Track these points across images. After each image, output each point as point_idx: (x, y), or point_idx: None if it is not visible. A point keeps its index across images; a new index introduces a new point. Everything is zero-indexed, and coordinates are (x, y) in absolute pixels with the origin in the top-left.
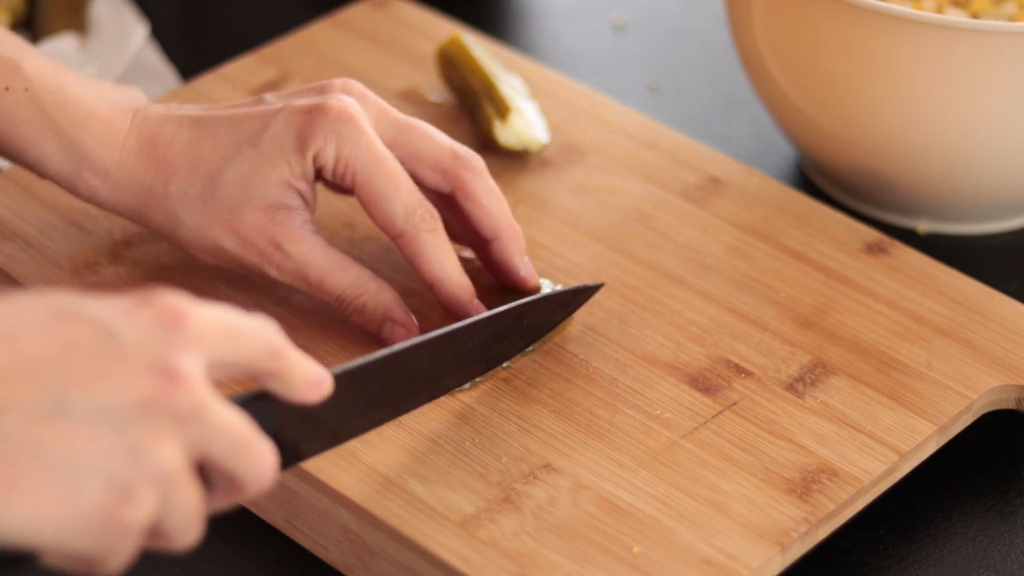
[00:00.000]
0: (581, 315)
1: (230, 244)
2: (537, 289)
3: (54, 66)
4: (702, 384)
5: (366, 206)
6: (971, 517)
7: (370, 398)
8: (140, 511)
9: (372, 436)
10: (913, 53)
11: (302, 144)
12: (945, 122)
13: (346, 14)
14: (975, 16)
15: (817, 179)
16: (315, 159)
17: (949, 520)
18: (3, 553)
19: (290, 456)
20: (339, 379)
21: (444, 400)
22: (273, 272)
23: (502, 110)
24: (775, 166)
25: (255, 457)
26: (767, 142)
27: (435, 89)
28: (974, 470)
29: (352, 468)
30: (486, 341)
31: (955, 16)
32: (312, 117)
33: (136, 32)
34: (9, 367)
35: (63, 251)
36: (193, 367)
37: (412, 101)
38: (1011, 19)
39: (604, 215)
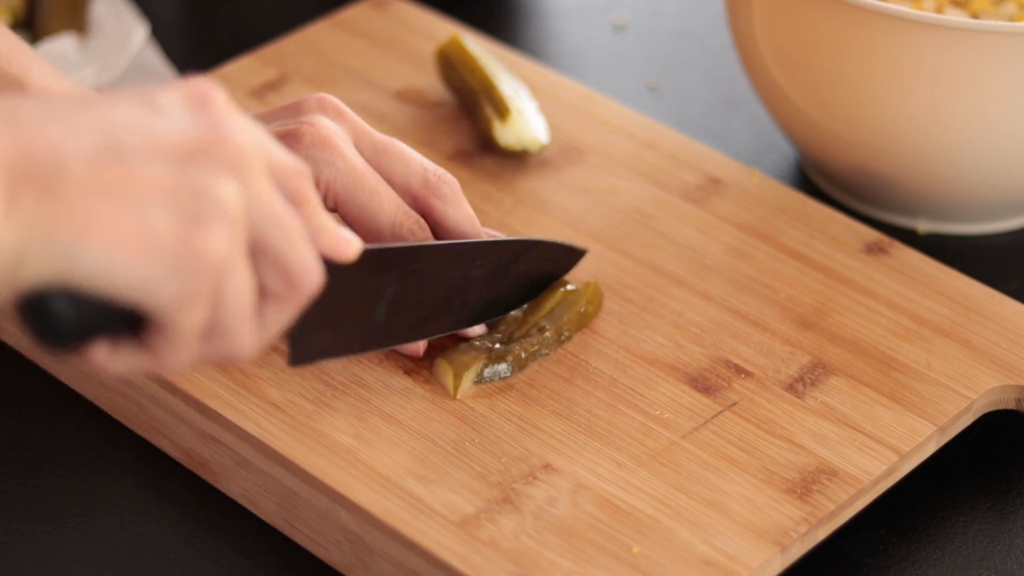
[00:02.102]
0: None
1: None
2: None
3: (61, 82)
4: (702, 384)
5: (351, 225)
6: (971, 517)
7: (388, 299)
8: (214, 241)
9: (372, 436)
10: (913, 53)
11: None
12: (945, 122)
13: (346, 14)
14: (975, 16)
15: (817, 179)
16: None
17: (949, 520)
18: (87, 307)
19: (320, 345)
20: (366, 255)
21: (444, 400)
22: None
23: (502, 110)
24: (775, 166)
25: (300, 244)
26: (767, 142)
27: (435, 89)
28: (974, 470)
29: (352, 468)
30: (488, 274)
31: (955, 16)
32: (286, 144)
33: (136, 32)
34: (66, 121)
35: None
36: (239, 123)
37: (412, 101)
38: (1011, 19)
39: (604, 215)
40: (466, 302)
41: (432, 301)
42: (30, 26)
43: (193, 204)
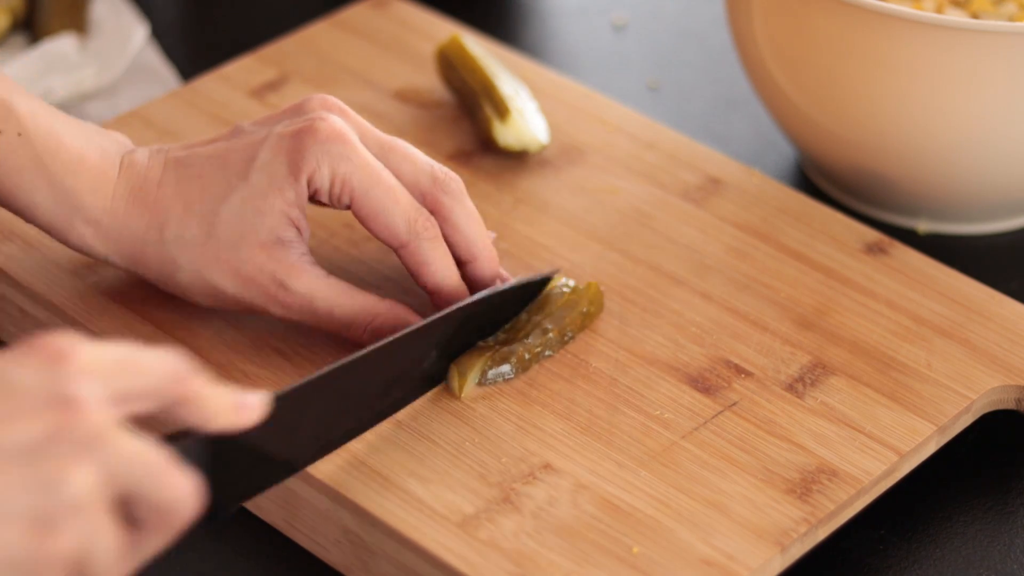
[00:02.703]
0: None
1: (231, 286)
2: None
3: (45, 108)
4: (702, 384)
5: (366, 221)
6: (971, 517)
7: (315, 420)
8: (63, 543)
9: (372, 436)
10: (913, 53)
11: (295, 169)
12: (945, 122)
13: (346, 14)
14: (975, 16)
15: (817, 179)
16: (309, 183)
17: (949, 520)
18: None
19: (242, 489)
20: (278, 401)
21: (444, 400)
22: (278, 311)
23: (502, 110)
24: (775, 166)
25: (171, 482)
26: (767, 142)
27: (435, 89)
28: (974, 470)
29: (352, 468)
30: (440, 344)
31: (955, 16)
32: (300, 140)
33: (136, 32)
34: None
35: (63, 251)
36: (88, 392)
37: (412, 101)
38: (1011, 19)
39: (604, 215)
40: (419, 373)
41: (369, 399)
42: (30, 26)
43: (44, 503)
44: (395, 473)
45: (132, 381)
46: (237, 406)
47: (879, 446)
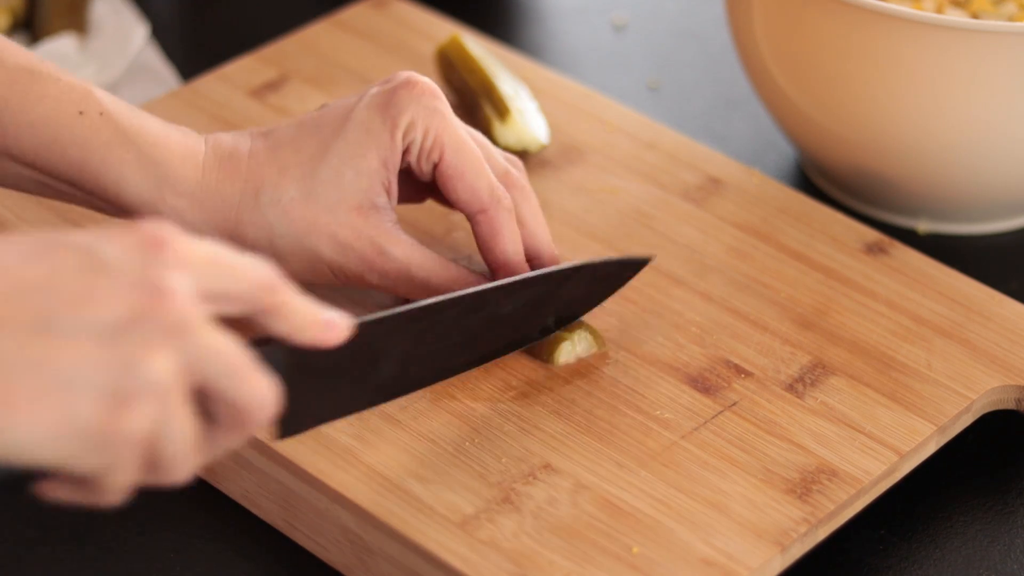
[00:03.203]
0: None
1: (329, 251)
2: None
3: (116, 99)
4: (702, 384)
5: (452, 181)
6: (971, 517)
7: (397, 357)
8: (137, 421)
9: (372, 436)
10: (913, 53)
11: (392, 121)
12: (945, 122)
13: (346, 14)
14: (975, 16)
15: (817, 179)
16: (404, 136)
17: (949, 520)
18: (10, 474)
19: (316, 412)
20: (361, 328)
21: (444, 400)
22: (375, 279)
23: (501, 110)
24: (775, 166)
25: (251, 382)
26: (767, 142)
27: None
28: (974, 470)
29: (352, 468)
30: (521, 308)
31: (955, 16)
32: (397, 93)
33: (136, 32)
34: (0, 292)
35: None
36: (180, 284)
37: None
38: (1011, 19)
39: (604, 215)
40: (497, 337)
41: (450, 348)
42: (30, 26)
43: (121, 381)
44: (395, 473)
45: (224, 282)
46: (324, 323)
47: (879, 446)
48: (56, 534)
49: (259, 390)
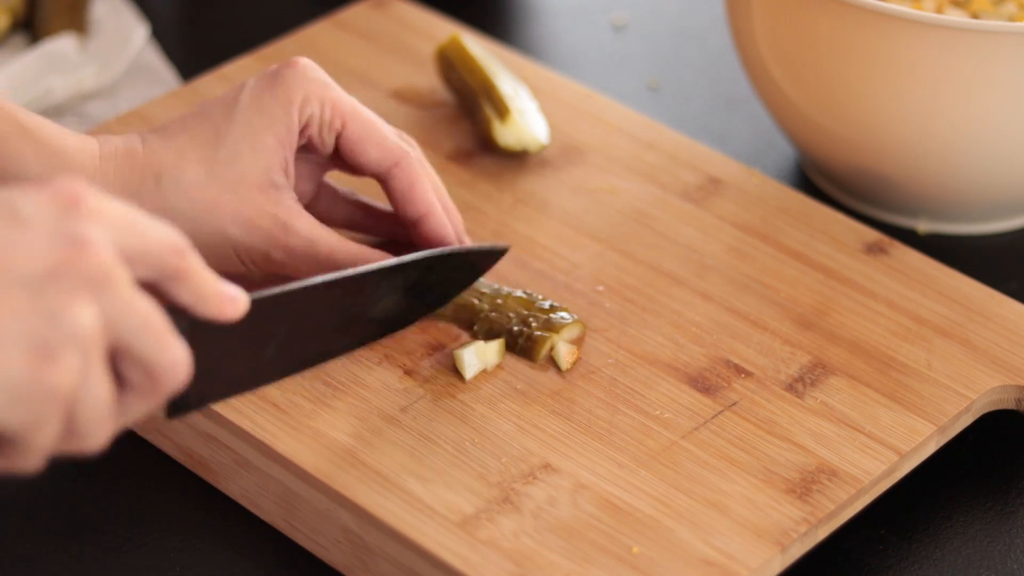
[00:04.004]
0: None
1: (234, 230)
2: None
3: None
4: (702, 384)
5: (361, 143)
6: (971, 517)
7: (285, 334)
8: (62, 374)
9: (371, 436)
10: (913, 53)
11: (285, 98)
12: (945, 122)
13: (346, 14)
14: (975, 16)
15: (817, 179)
16: (301, 112)
17: (949, 520)
18: None
19: (208, 390)
20: (254, 304)
21: (444, 400)
22: (280, 255)
23: (501, 111)
24: (775, 166)
25: (167, 344)
26: (767, 142)
27: (435, 89)
28: (974, 470)
29: (352, 468)
30: (400, 287)
31: (955, 16)
32: (282, 73)
33: (136, 33)
34: None
35: None
36: (99, 236)
37: (411, 101)
38: (1011, 19)
39: (604, 215)
40: (369, 321)
41: (329, 330)
42: (30, 26)
43: (46, 331)
44: (395, 473)
45: (137, 240)
46: (227, 296)
47: (879, 446)
48: (56, 534)
49: (173, 353)
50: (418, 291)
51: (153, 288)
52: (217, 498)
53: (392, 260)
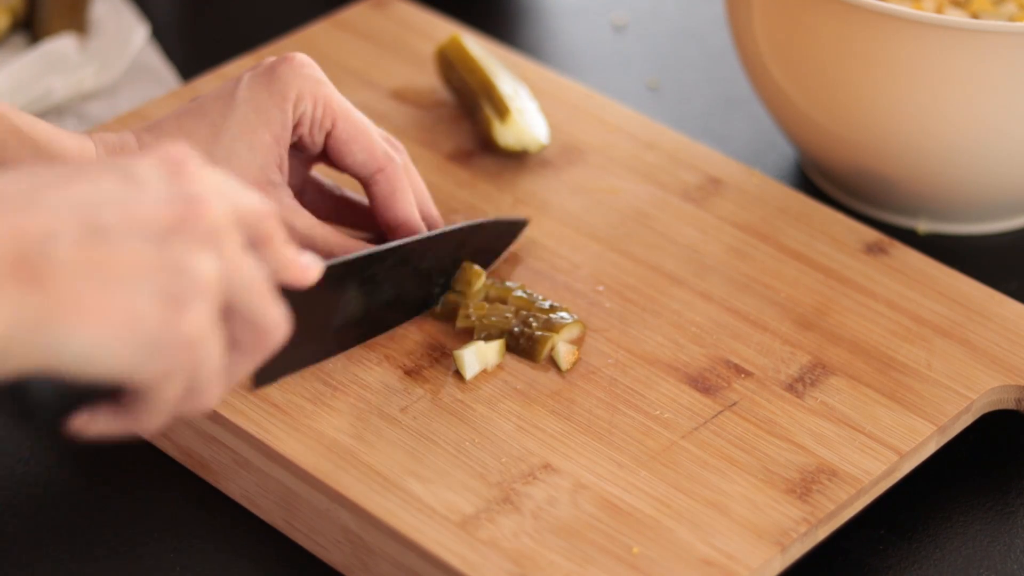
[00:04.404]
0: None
1: None
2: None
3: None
4: (702, 384)
5: (348, 145)
6: (971, 517)
7: (344, 307)
8: (194, 322)
9: (372, 436)
10: (913, 53)
11: (280, 96)
12: (945, 122)
13: (346, 14)
14: (975, 16)
15: (817, 179)
16: (294, 109)
17: (949, 520)
18: (58, 395)
19: (283, 362)
20: (327, 271)
21: (444, 400)
22: None
23: (501, 111)
24: (775, 166)
25: (270, 301)
26: (767, 142)
27: (435, 89)
28: (974, 470)
29: (352, 468)
30: (436, 263)
31: (955, 16)
32: (278, 69)
33: (136, 32)
34: (46, 203)
35: None
36: (211, 194)
37: (411, 101)
38: (1011, 19)
39: (604, 215)
40: (418, 292)
41: (385, 299)
42: (30, 26)
43: (175, 283)
44: (395, 473)
45: (235, 204)
46: (303, 262)
47: (879, 446)
48: (57, 534)
49: (276, 312)
50: (453, 263)
51: None
52: (217, 498)
53: (431, 232)
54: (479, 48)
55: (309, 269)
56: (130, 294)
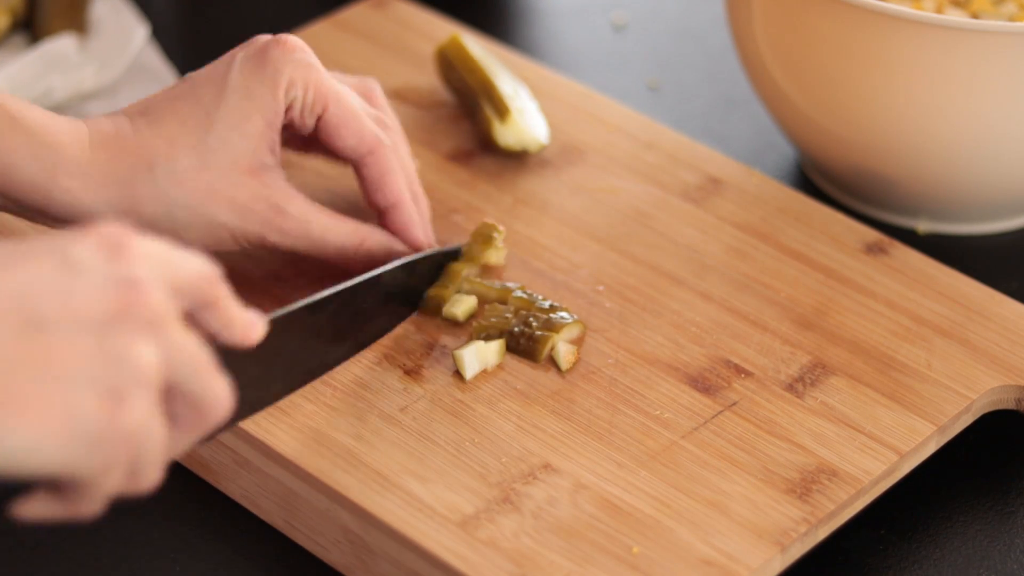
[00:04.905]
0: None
1: (229, 216)
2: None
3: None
4: (702, 384)
5: (338, 129)
6: (971, 517)
7: (288, 354)
8: (131, 416)
9: (372, 436)
10: (913, 53)
11: (272, 81)
12: (945, 122)
13: (346, 14)
14: (975, 16)
15: (817, 179)
16: (286, 94)
17: (949, 520)
18: (4, 485)
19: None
20: (270, 325)
21: (444, 400)
22: (275, 237)
23: (501, 111)
24: (775, 166)
25: (213, 379)
26: (767, 142)
27: (435, 89)
28: (974, 470)
29: (352, 468)
30: (382, 299)
31: (955, 16)
32: (269, 53)
33: (136, 32)
34: None
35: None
36: (149, 276)
37: (411, 101)
38: (1011, 19)
39: (604, 215)
40: (366, 323)
41: (333, 335)
42: (30, 26)
43: (114, 375)
44: (395, 473)
45: (176, 274)
46: (249, 321)
47: (879, 446)
48: (57, 535)
49: (220, 388)
50: (398, 295)
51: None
52: (217, 498)
53: (374, 271)
54: (479, 48)
55: (254, 327)
56: (69, 389)
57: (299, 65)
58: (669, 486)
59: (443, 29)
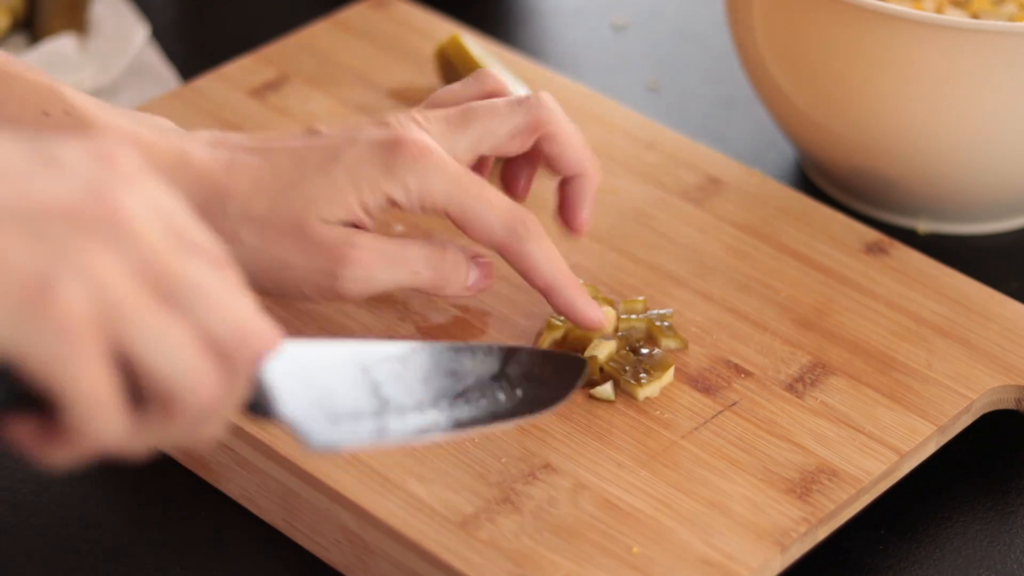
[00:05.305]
0: None
1: (297, 257)
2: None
3: (87, 96)
4: (702, 384)
5: (462, 227)
6: (971, 517)
7: None
8: (66, 300)
9: None
10: (913, 53)
11: (386, 178)
12: (945, 122)
13: (346, 14)
14: (975, 16)
15: (817, 179)
16: (396, 195)
17: (949, 520)
18: None
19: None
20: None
21: None
22: (348, 271)
23: None
24: (775, 166)
25: (196, 359)
26: (767, 142)
27: (435, 89)
28: (974, 470)
29: (352, 468)
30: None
31: (955, 16)
32: (392, 153)
33: (136, 33)
34: None
35: None
36: (131, 193)
37: (411, 101)
38: (1011, 19)
39: (604, 215)
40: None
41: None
42: (30, 26)
43: (45, 265)
44: (395, 473)
45: (173, 219)
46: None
47: (879, 446)
48: (56, 534)
49: (198, 370)
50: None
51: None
52: (217, 498)
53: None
54: (479, 48)
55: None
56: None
57: (416, 174)
58: (669, 486)
59: (443, 29)
